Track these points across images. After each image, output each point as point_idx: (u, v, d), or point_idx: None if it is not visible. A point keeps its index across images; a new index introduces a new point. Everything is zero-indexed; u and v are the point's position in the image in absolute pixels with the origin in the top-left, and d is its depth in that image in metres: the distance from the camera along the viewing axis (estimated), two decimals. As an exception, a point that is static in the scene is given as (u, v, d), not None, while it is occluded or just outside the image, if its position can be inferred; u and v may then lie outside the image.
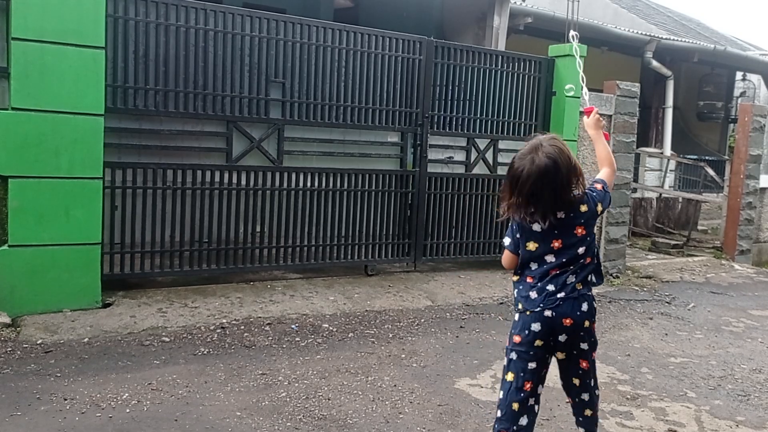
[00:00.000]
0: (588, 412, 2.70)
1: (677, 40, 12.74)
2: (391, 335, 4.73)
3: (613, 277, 7.23)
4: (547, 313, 2.50)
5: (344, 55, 5.86)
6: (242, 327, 4.64)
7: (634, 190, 10.29)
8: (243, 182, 5.49)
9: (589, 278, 2.58)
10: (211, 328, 4.57)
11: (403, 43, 6.18)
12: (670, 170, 12.27)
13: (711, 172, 11.18)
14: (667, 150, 12.81)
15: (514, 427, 2.54)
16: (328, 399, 3.55)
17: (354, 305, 5.36)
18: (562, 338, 2.53)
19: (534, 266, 2.54)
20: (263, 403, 3.44)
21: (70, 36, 4.43)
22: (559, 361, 2.63)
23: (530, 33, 10.36)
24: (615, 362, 4.48)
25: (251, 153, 5.50)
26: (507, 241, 2.60)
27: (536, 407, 2.59)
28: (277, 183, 5.64)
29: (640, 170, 11.25)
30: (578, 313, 2.52)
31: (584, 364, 2.62)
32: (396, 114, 6.19)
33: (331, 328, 4.77)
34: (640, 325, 5.48)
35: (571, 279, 2.52)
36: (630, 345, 4.89)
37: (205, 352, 4.13)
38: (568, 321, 2.51)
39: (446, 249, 6.63)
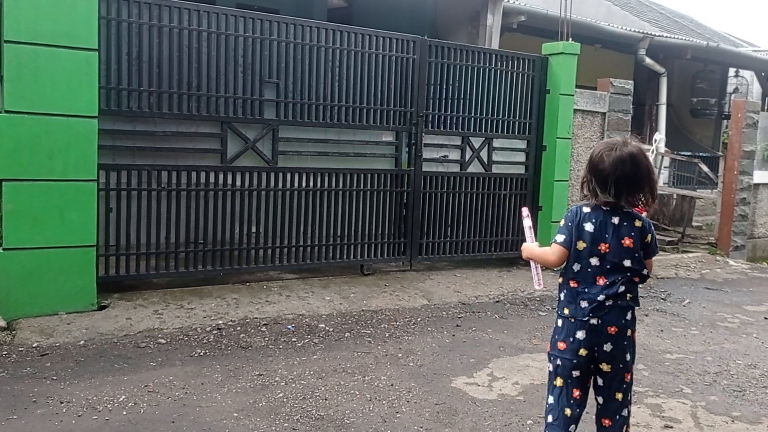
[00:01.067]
0: (626, 429, 2.66)
1: (670, 37, 12.79)
2: (387, 335, 4.73)
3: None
4: (594, 321, 2.51)
5: (338, 55, 5.86)
6: (238, 328, 4.63)
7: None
8: (238, 183, 5.49)
9: (636, 294, 2.59)
10: (208, 329, 4.57)
11: (397, 42, 6.19)
12: (665, 167, 12.28)
13: (705, 168, 11.21)
14: (662, 147, 12.83)
15: None
16: (325, 399, 3.55)
17: (350, 305, 5.36)
18: (607, 347, 2.53)
19: (577, 267, 2.53)
20: (260, 404, 3.44)
21: (62, 38, 4.42)
22: (603, 374, 2.59)
23: (523, 31, 10.37)
24: (611, 359, 4.48)
25: (246, 154, 5.50)
26: (561, 237, 2.57)
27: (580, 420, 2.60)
28: (272, 183, 5.64)
29: (634, 167, 11.24)
30: (623, 321, 2.54)
31: (628, 377, 2.61)
32: (390, 113, 6.20)
33: (327, 328, 4.77)
34: (635, 322, 5.49)
35: (621, 289, 2.53)
36: (626, 342, 4.90)
37: (201, 354, 4.13)
38: (613, 329, 2.52)
39: (442, 248, 6.64)
